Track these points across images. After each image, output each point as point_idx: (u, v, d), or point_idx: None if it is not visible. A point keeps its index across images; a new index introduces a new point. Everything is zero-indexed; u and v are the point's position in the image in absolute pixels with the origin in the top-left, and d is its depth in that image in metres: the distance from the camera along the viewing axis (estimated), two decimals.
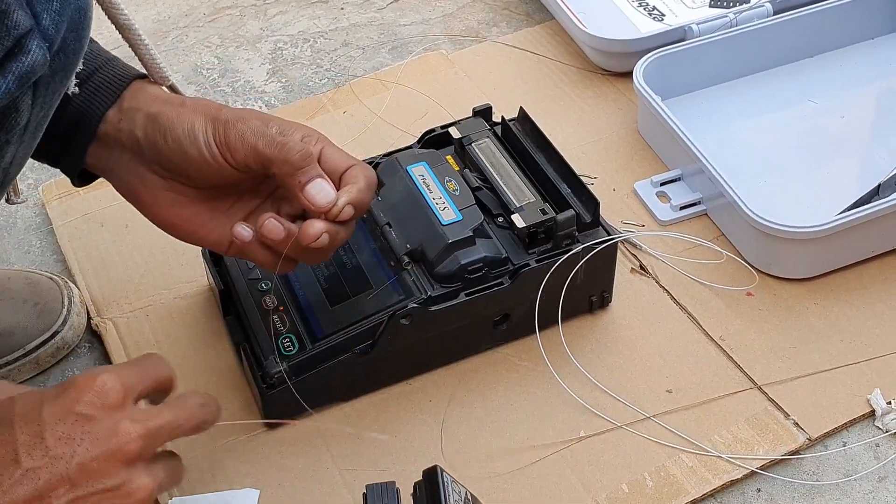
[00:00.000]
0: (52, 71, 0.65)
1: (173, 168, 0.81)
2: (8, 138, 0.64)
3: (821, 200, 1.09)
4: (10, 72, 0.61)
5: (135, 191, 0.84)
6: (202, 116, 0.80)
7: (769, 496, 0.88)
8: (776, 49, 1.24)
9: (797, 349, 0.98)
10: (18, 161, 0.68)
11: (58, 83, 0.66)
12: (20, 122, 0.64)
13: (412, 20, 1.39)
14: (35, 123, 0.67)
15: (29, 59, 0.61)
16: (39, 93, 0.65)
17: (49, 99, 0.67)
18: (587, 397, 0.94)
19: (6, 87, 0.61)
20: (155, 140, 0.81)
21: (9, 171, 0.68)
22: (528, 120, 1.03)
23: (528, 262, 0.93)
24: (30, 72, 0.62)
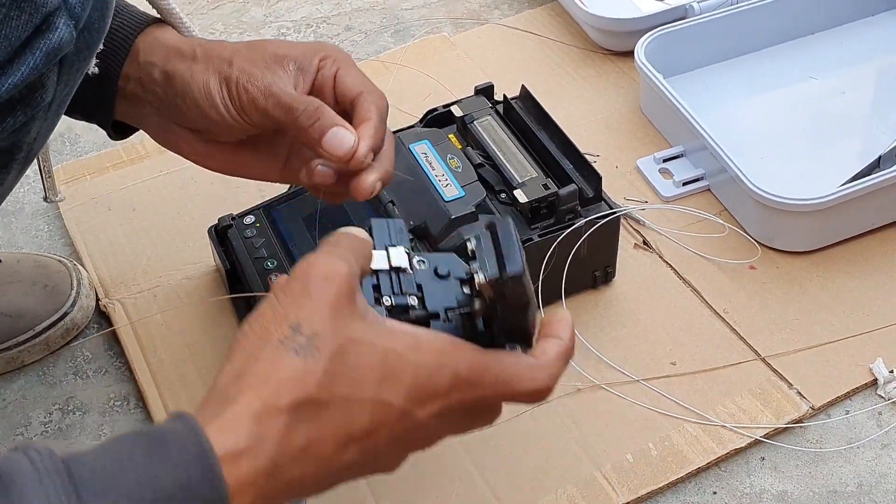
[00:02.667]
0: (77, 49, 0.66)
1: (199, 126, 0.82)
2: (34, 114, 0.65)
3: (822, 175, 1.09)
4: (38, 48, 0.62)
5: (170, 144, 0.85)
6: (215, 75, 0.79)
7: (773, 464, 0.89)
8: (777, 26, 1.25)
9: (800, 321, 0.99)
10: (42, 137, 0.69)
11: (81, 61, 0.68)
12: (46, 98, 0.65)
13: (414, 4, 1.40)
14: (59, 101, 0.68)
15: (56, 36, 0.62)
16: (64, 70, 0.66)
17: (73, 77, 0.68)
18: (591, 370, 0.94)
19: (34, 63, 0.62)
20: (174, 102, 0.81)
21: (32, 147, 0.69)
22: (529, 98, 1.04)
23: (531, 237, 0.94)
24: (57, 49, 0.63)
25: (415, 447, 0.63)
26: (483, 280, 0.62)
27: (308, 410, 0.57)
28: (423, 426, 0.61)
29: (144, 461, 0.53)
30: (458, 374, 0.61)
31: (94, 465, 0.53)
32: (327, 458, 0.58)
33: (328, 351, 0.58)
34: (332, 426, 0.58)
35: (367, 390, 0.59)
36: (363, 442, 0.59)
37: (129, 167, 1.15)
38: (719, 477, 0.88)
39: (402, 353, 0.60)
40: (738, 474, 0.89)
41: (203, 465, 0.53)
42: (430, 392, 0.60)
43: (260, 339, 0.58)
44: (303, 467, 0.57)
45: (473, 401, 0.62)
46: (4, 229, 1.12)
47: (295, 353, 0.58)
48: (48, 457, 0.53)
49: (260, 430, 0.56)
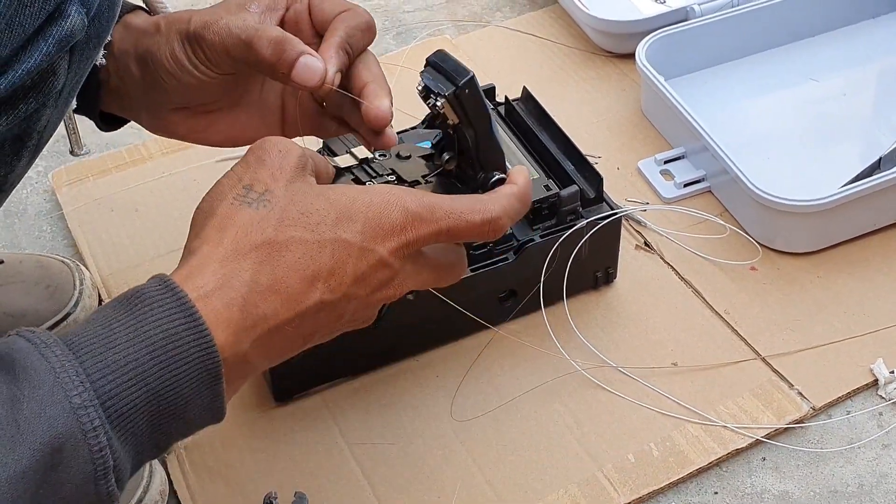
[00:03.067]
0: (88, 37, 0.67)
1: (184, 100, 0.82)
2: (45, 101, 0.66)
3: (823, 177, 1.09)
4: (51, 35, 0.63)
5: (167, 129, 0.85)
6: (177, 38, 0.78)
7: (774, 465, 0.89)
8: (778, 28, 1.25)
9: (801, 321, 0.99)
10: (52, 125, 0.70)
11: (91, 50, 0.68)
12: (57, 85, 0.66)
13: (416, 6, 1.40)
14: (69, 88, 0.69)
15: (68, 23, 0.63)
16: (75, 58, 0.67)
17: (83, 65, 0.69)
18: (593, 371, 0.95)
19: (46, 50, 0.63)
20: (154, 83, 0.81)
21: (43, 135, 0.70)
22: (531, 99, 1.04)
23: (533, 237, 0.94)
24: (69, 36, 0.64)
25: (386, 291, 0.66)
26: (444, 101, 0.70)
27: (268, 251, 0.62)
28: (387, 265, 0.65)
29: (131, 320, 0.58)
30: (409, 210, 0.65)
31: (86, 332, 0.58)
32: (296, 295, 0.62)
33: (280, 202, 0.63)
34: (294, 265, 0.62)
35: (324, 231, 0.63)
36: (329, 280, 0.63)
37: (131, 168, 1.16)
38: (720, 477, 0.89)
39: (352, 196, 0.65)
40: (740, 474, 0.89)
41: (184, 314, 0.58)
42: (385, 228, 0.64)
43: (215, 200, 0.64)
44: (274, 304, 0.61)
45: (430, 234, 0.66)
46: (7, 230, 1.12)
47: (248, 205, 0.63)
48: (43, 334, 0.57)
49: (224, 271, 0.61)
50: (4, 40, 0.60)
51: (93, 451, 0.55)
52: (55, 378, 0.55)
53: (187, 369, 0.58)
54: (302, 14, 0.80)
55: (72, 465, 0.54)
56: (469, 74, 0.71)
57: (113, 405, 0.56)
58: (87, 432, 0.55)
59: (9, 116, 0.64)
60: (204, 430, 0.88)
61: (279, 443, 0.90)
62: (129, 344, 0.57)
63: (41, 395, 0.54)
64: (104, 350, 0.57)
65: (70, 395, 0.54)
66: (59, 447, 0.54)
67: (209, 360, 0.59)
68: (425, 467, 0.88)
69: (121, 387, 0.56)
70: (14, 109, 0.64)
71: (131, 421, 0.57)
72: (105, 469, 0.55)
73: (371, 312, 0.68)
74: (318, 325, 0.64)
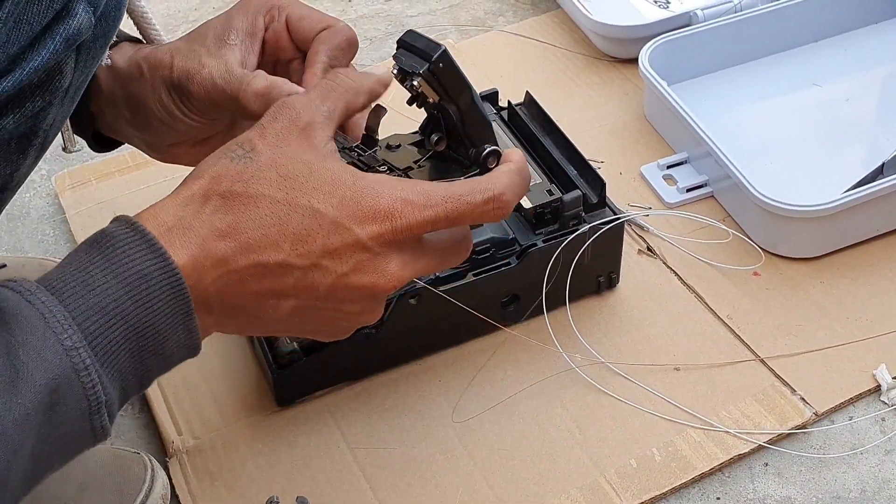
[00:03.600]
0: (94, 36, 0.67)
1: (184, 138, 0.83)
2: (51, 100, 0.66)
3: (826, 182, 1.09)
4: (59, 34, 0.63)
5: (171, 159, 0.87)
6: (163, 87, 0.80)
7: (776, 470, 0.89)
8: (781, 34, 1.25)
9: (803, 327, 0.99)
10: (58, 124, 0.70)
11: (97, 49, 0.69)
12: (63, 84, 0.66)
13: (419, 11, 1.40)
14: (75, 87, 0.69)
15: (76, 22, 0.64)
16: (81, 57, 0.67)
17: (89, 64, 0.69)
18: (595, 376, 0.95)
19: (54, 48, 0.63)
20: (147, 125, 0.83)
21: (48, 133, 0.70)
22: (534, 104, 1.04)
23: (535, 242, 0.94)
24: (76, 34, 0.64)
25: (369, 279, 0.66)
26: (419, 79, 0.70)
27: (232, 200, 0.63)
28: (365, 248, 0.65)
29: (105, 263, 0.60)
30: (400, 197, 0.65)
31: (64, 276, 0.60)
32: (255, 246, 0.63)
33: (262, 160, 0.64)
34: (258, 220, 0.63)
35: (297, 197, 0.64)
36: (296, 245, 0.63)
37: (134, 172, 1.16)
38: (723, 482, 0.89)
39: (339, 174, 0.65)
40: (742, 480, 0.89)
41: (154, 253, 0.60)
42: (364, 209, 0.64)
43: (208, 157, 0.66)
44: (231, 247, 0.62)
45: (426, 221, 0.65)
46: (10, 234, 1.12)
47: (230, 159, 0.64)
48: (25, 282, 0.59)
49: (185, 211, 0.63)
50: (12, 38, 0.61)
51: (86, 388, 0.58)
52: (45, 323, 0.57)
53: (161, 306, 0.60)
54: (281, 32, 0.81)
55: (68, 403, 0.57)
56: (441, 48, 0.71)
57: (98, 344, 0.58)
58: (80, 371, 0.57)
59: (15, 114, 0.64)
60: (205, 434, 0.89)
61: (281, 447, 0.90)
62: (106, 285, 0.59)
63: (34, 341, 0.56)
64: (85, 293, 0.59)
65: (61, 337, 0.57)
66: (55, 387, 0.57)
67: (180, 297, 0.61)
68: (427, 472, 0.88)
69: (103, 326, 0.59)
70: (21, 108, 0.64)
71: (116, 357, 0.59)
72: (98, 404, 0.58)
73: (367, 303, 0.68)
74: (285, 288, 0.64)
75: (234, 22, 0.80)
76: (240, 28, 0.80)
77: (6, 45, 0.61)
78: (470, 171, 0.74)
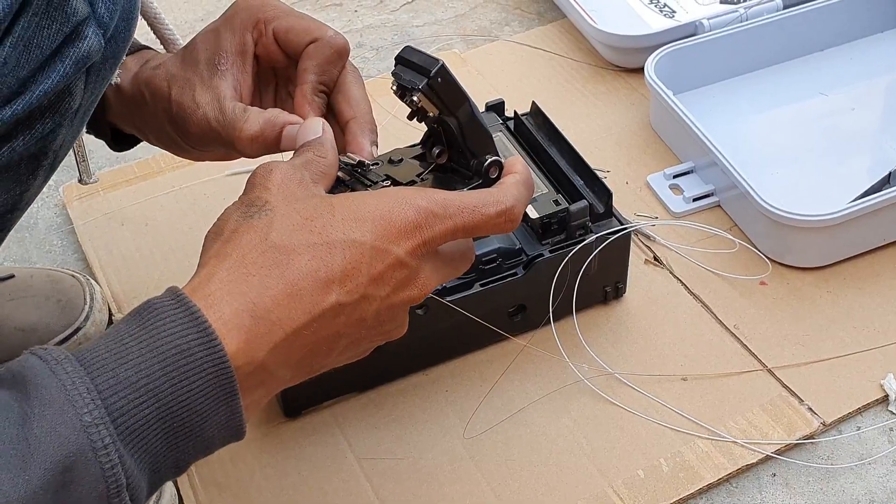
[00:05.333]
0: (104, 58, 0.67)
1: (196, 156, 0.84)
2: (61, 121, 0.66)
3: (833, 191, 1.09)
4: (68, 56, 0.63)
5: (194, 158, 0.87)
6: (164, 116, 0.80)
7: (784, 480, 0.89)
8: (787, 43, 1.25)
9: (810, 336, 0.99)
10: (67, 144, 0.70)
11: (107, 70, 0.69)
12: (73, 105, 0.66)
13: (425, 21, 1.41)
14: (85, 108, 0.69)
15: (85, 44, 0.64)
16: (91, 79, 0.67)
17: (99, 85, 0.69)
18: (603, 386, 0.95)
19: (63, 71, 0.63)
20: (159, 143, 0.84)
21: (58, 154, 0.70)
22: (540, 114, 1.04)
23: (542, 252, 0.94)
24: (86, 57, 0.64)
25: (408, 293, 0.65)
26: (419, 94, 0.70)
27: (275, 257, 0.61)
28: (405, 265, 0.64)
29: (143, 334, 0.57)
30: (421, 208, 0.64)
31: (98, 347, 0.57)
32: (310, 298, 0.61)
33: (280, 210, 0.63)
34: (305, 269, 0.61)
35: (332, 234, 0.62)
36: (345, 283, 0.62)
37: (142, 182, 1.16)
38: (731, 493, 0.88)
39: (359, 199, 0.64)
40: (750, 490, 0.89)
41: (196, 327, 0.58)
42: (398, 228, 0.63)
43: (221, 222, 0.64)
44: (287, 308, 0.60)
45: (447, 232, 0.65)
46: (18, 244, 1.13)
47: (251, 217, 0.63)
48: (55, 351, 0.56)
49: (232, 278, 0.60)
50: (22, 61, 0.61)
51: (104, 469, 0.54)
52: (66, 396, 0.54)
53: (201, 384, 0.57)
54: (271, 46, 0.79)
55: (83, 483, 0.54)
56: (439, 63, 0.71)
57: (124, 422, 0.55)
58: (98, 450, 0.54)
59: (25, 136, 0.64)
60: None
61: (288, 458, 0.90)
62: (140, 359, 0.56)
63: (52, 414, 0.54)
64: (116, 366, 0.56)
65: (80, 412, 0.54)
66: (70, 466, 0.53)
67: (223, 376, 0.58)
68: (435, 483, 0.88)
69: (132, 403, 0.56)
70: (31, 129, 0.64)
71: (144, 437, 0.56)
72: (118, 487, 0.55)
73: (400, 318, 0.67)
74: (339, 330, 0.63)
75: (223, 42, 0.79)
76: (229, 49, 0.78)
77: (16, 69, 0.61)
78: (472, 182, 0.74)
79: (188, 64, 0.79)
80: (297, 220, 0.62)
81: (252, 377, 0.60)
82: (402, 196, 0.65)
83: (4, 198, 0.68)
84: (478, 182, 0.74)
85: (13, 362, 0.57)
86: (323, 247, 0.61)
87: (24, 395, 0.54)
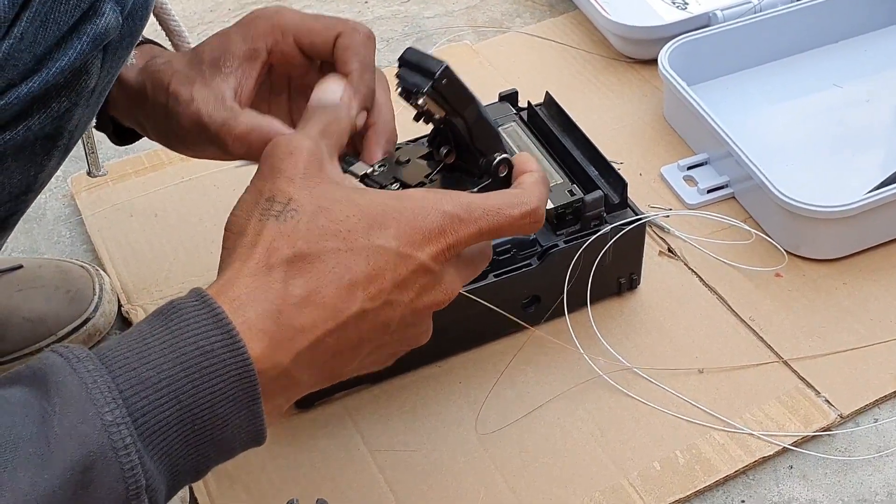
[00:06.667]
0: (121, 35, 0.66)
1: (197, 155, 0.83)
2: (77, 100, 0.66)
3: (848, 183, 1.08)
4: (86, 33, 0.62)
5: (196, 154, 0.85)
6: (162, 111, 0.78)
7: (801, 473, 0.88)
8: (801, 34, 1.24)
9: (826, 328, 0.98)
10: (83, 125, 0.69)
11: (124, 49, 0.68)
12: (90, 84, 0.66)
13: (436, 12, 1.40)
14: (101, 88, 0.68)
15: (103, 21, 0.63)
16: (108, 57, 0.66)
17: (115, 64, 0.68)
18: (617, 377, 0.94)
19: (81, 49, 0.62)
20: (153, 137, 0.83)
21: (73, 135, 0.69)
22: (554, 104, 1.03)
23: (557, 243, 0.93)
24: (103, 34, 0.63)
25: (432, 298, 0.65)
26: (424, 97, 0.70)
27: (301, 264, 0.60)
28: (430, 271, 0.63)
29: (166, 335, 0.57)
30: (447, 212, 0.63)
31: (120, 346, 0.56)
32: (334, 305, 0.60)
33: (307, 211, 0.61)
34: (329, 275, 0.60)
35: (357, 239, 0.61)
36: (368, 287, 0.61)
37: (151, 173, 1.15)
38: (747, 485, 0.88)
39: (384, 202, 0.63)
40: (767, 482, 0.88)
41: (220, 329, 0.57)
42: (423, 233, 0.63)
43: (242, 218, 0.62)
44: (311, 314, 0.59)
45: (471, 236, 0.64)
46: (27, 235, 1.12)
47: (275, 219, 0.61)
48: (76, 349, 0.55)
49: (256, 283, 0.59)
50: (39, 38, 0.60)
51: (124, 469, 0.53)
52: (87, 394, 0.53)
53: (223, 387, 0.56)
54: (290, 52, 0.78)
55: (103, 483, 0.53)
56: (443, 65, 0.70)
57: (145, 422, 0.55)
58: (119, 450, 0.53)
59: (41, 115, 0.63)
60: None
61: (300, 449, 0.90)
62: (163, 359, 0.56)
63: (72, 412, 0.53)
64: (138, 365, 0.55)
65: (102, 411, 0.53)
66: (89, 465, 0.52)
67: (246, 379, 0.57)
68: (448, 475, 0.88)
69: (153, 403, 0.55)
70: (47, 108, 0.64)
71: (164, 439, 0.55)
72: (137, 488, 0.54)
73: (425, 323, 0.67)
74: (362, 336, 0.62)
75: (232, 46, 0.77)
76: (236, 53, 0.77)
77: (33, 45, 0.60)
78: (481, 182, 0.74)
79: (193, 62, 0.78)
80: (324, 223, 0.61)
81: (275, 382, 0.59)
82: (427, 201, 0.64)
83: (19, 178, 0.67)
84: (487, 181, 0.74)
85: (34, 360, 0.56)
86: (348, 252, 0.61)
87: (44, 393, 0.54)
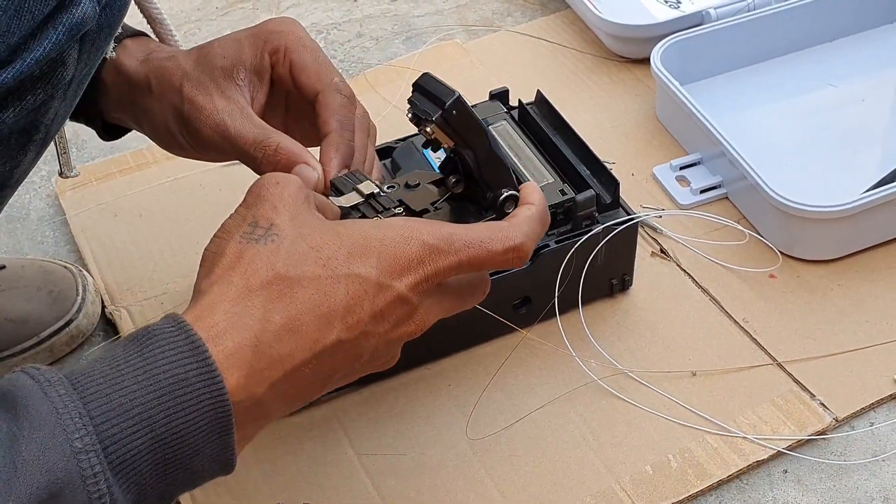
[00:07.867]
0: (99, 26, 0.65)
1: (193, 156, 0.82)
2: (53, 93, 0.64)
3: (842, 183, 1.07)
4: (61, 23, 0.61)
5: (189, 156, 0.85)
6: (171, 111, 0.78)
7: (796, 477, 0.87)
8: (795, 33, 1.23)
9: (821, 330, 0.96)
10: (60, 119, 0.68)
11: (102, 40, 0.67)
12: (66, 76, 0.64)
13: (426, 11, 1.38)
14: (78, 80, 0.67)
15: (79, 11, 0.62)
16: (85, 48, 0.65)
17: (93, 56, 0.67)
18: (609, 380, 0.92)
19: (56, 38, 0.61)
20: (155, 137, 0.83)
21: (50, 129, 0.68)
22: (545, 103, 1.02)
23: (548, 243, 0.92)
24: (80, 24, 0.62)
25: (405, 329, 0.64)
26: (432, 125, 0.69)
27: (280, 288, 0.59)
28: (407, 301, 0.63)
29: (140, 361, 0.55)
30: (426, 243, 0.63)
31: (92, 371, 0.55)
32: (312, 334, 0.59)
33: (288, 236, 0.61)
34: (308, 303, 0.59)
35: (337, 266, 0.60)
36: (346, 318, 0.60)
37: (136, 173, 1.14)
38: (741, 490, 0.86)
39: (365, 231, 0.62)
40: (761, 487, 0.86)
41: (196, 358, 0.56)
42: (402, 262, 0.62)
43: (223, 240, 0.61)
44: (289, 344, 0.58)
45: (450, 268, 0.64)
46: (9, 235, 1.10)
47: (256, 242, 0.60)
48: (48, 371, 0.54)
49: (235, 309, 0.58)
50: (13, 27, 0.58)
51: (91, 498, 0.52)
52: (57, 419, 0.52)
53: (196, 417, 0.55)
54: (286, 77, 0.79)
55: None
56: (454, 95, 0.69)
57: (116, 451, 0.53)
58: (87, 478, 0.52)
59: (16, 108, 0.62)
60: None
61: (287, 453, 0.88)
62: (136, 386, 0.54)
63: (41, 437, 0.52)
64: (110, 391, 0.54)
65: (71, 438, 0.52)
66: (56, 492, 0.51)
67: (220, 410, 0.56)
68: (437, 479, 0.86)
69: (125, 431, 0.54)
70: (21, 101, 0.62)
71: (134, 468, 0.54)
72: None
73: (393, 351, 0.66)
74: (335, 365, 0.61)
75: (244, 57, 0.78)
76: (248, 65, 0.78)
77: (6, 35, 0.59)
78: (487, 215, 0.73)
79: (203, 66, 0.78)
80: (304, 249, 0.60)
81: (248, 412, 0.58)
82: (408, 230, 0.63)
83: None
84: (492, 216, 0.73)
85: (3, 380, 0.54)
86: (328, 280, 0.60)
87: (13, 416, 0.52)
